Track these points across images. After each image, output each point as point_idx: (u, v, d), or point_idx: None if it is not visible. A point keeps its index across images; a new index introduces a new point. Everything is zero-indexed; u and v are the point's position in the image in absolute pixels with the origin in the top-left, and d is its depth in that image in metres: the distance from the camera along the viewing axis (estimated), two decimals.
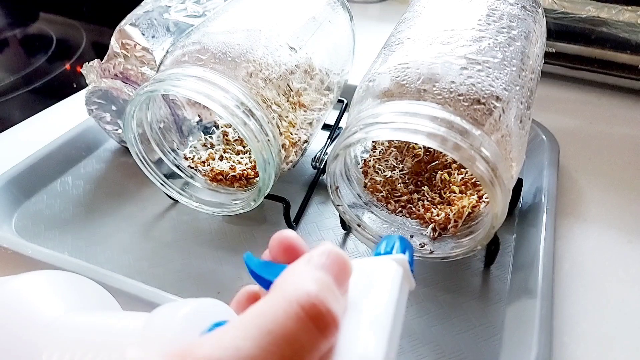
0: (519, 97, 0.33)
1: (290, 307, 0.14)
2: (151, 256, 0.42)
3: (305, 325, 0.14)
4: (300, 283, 0.15)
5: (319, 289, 0.15)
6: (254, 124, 0.35)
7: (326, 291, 0.15)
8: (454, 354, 0.34)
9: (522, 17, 0.39)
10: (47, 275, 0.21)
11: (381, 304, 0.16)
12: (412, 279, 0.18)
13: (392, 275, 0.17)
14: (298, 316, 0.14)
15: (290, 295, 0.14)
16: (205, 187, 0.45)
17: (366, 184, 0.43)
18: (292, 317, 0.14)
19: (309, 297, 0.14)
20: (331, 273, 0.16)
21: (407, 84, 0.32)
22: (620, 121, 0.58)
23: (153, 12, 0.51)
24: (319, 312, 0.14)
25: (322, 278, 0.15)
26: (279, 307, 0.14)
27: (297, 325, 0.14)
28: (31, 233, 0.44)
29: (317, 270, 0.16)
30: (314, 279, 0.15)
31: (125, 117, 0.38)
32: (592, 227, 0.44)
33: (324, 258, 0.16)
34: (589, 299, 0.37)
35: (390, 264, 0.18)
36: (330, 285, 0.15)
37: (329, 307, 0.14)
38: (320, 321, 0.14)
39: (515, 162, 0.33)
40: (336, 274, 0.16)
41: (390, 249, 0.19)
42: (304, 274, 0.15)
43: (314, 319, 0.14)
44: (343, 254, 0.17)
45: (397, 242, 0.19)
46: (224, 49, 0.37)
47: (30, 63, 0.79)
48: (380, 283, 0.17)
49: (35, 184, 0.49)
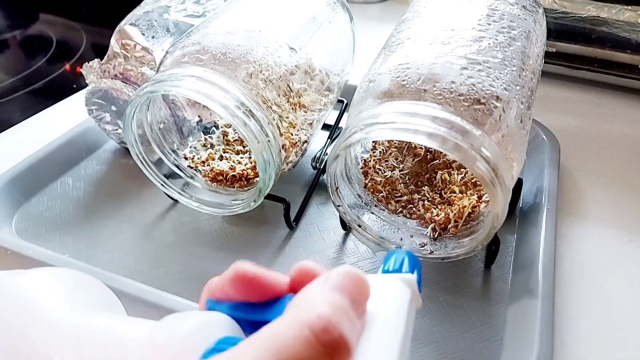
0: (519, 97, 0.33)
1: (301, 332, 0.13)
2: (152, 257, 0.42)
3: (316, 351, 0.13)
4: (314, 305, 0.14)
5: (333, 312, 0.14)
6: (254, 125, 0.35)
7: (340, 315, 0.14)
8: (455, 354, 0.34)
9: (522, 17, 0.39)
10: (54, 272, 0.20)
11: (391, 328, 0.16)
12: (419, 298, 0.18)
13: (401, 297, 0.17)
14: (309, 341, 0.13)
15: (302, 318, 0.14)
16: (206, 187, 0.45)
17: (366, 184, 0.43)
18: (302, 342, 0.13)
19: (320, 321, 0.13)
20: (348, 295, 0.15)
21: (408, 84, 0.32)
22: (621, 121, 0.58)
23: (153, 12, 0.51)
24: (331, 337, 0.13)
25: (337, 300, 0.15)
26: (290, 331, 0.13)
27: (307, 350, 0.13)
28: (32, 234, 0.44)
29: (333, 291, 0.15)
30: (329, 302, 0.14)
31: (125, 118, 0.38)
32: (593, 227, 0.44)
33: (342, 278, 0.16)
34: (590, 299, 0.37)
35: (399, 285, 0.17)
36: (345, 308, 0.15)
37: (342, 331, 0.14)
38: (332, 347, 0.13)
39: (516, 162, 0.33)
40: (353, 296, 0.15)
41: (399, 266, 0.18)
42: (318, 295, 0.15)
43: (325, 345, 0.13)
44: (362, 275, 0.16)
45: (405, 260, 0.18)
46: (224, 49, 0.37)
47: (30, 64, 0.79)
48: (389, 305, 0.17)
49: (35, 185, 0.49)
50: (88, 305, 0.20)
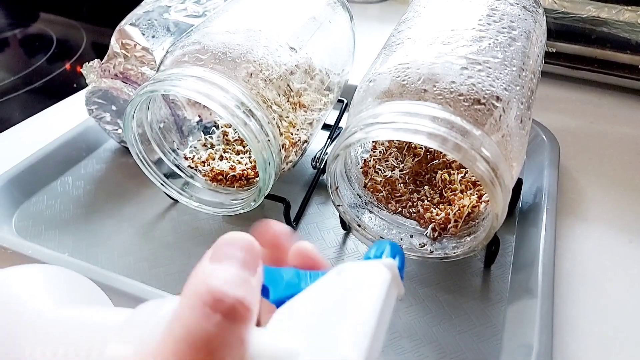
0: (519, 97, 0.33)
1: (197, 309, 0.14)
2: (152, 257, 0.42)
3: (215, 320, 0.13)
4: (201, 282, 0.15)
5: (220, 281, 0.14)
6: (254, 124, 0.35)
7: (229, 280, 0.15)
8: (455, 354, 0.34)
9: (522, 17, 0.39)
10: (38, 269, 0.21)
11: (366, 307, 0.16)
12: (402, 285, 0.18)
13: (379, 279, 0.17)
14: (205, 315, 0.13)
15: (195, 296, 0.14)
16: (205, 187, 0.45)
17: (366, 184, 0.43)
18: (201, 317, 0.13)
19: (211, 292, 0.14)
20: (235, 260, 0.16)
21: (408, 84, 0.32)
22: (621, 121, 0.58)
23: (153, 12, 0.51)
24: (224, 304, 0.14)
25: (224, 270, 0.15)
26: (188, 313, 0.14)
27: (207, 323, 0.13)
28: (31, 233, 0.44)
29: (218, 263, 0.16)
30: (215, 275, 0.15)
31: (126, 117, 0.38)
32: (593, 227, 0.44)
33: (226, 248, 0.16)
34: (589, 299, 0.37)
35: (378, 267, 0.18)
36: (234, 273, 0.15)
37: (234, 294, 0.14)
38: (229, 312, 0.14)
39: (516, 162, 0.33)
40: (242, 258, 0.16)
41: (380, 253, 0.18)
42: (205, 271, 0.15)
43: (222, 312, 0.14)
44: (246, 236, 0.17)
45: (387, 247, 0.19)
46: (224, 49, 0.37)
47: (31, 63, 0.79)
48: (367, 286, 0.17)
49: (35, 184, 0.49)
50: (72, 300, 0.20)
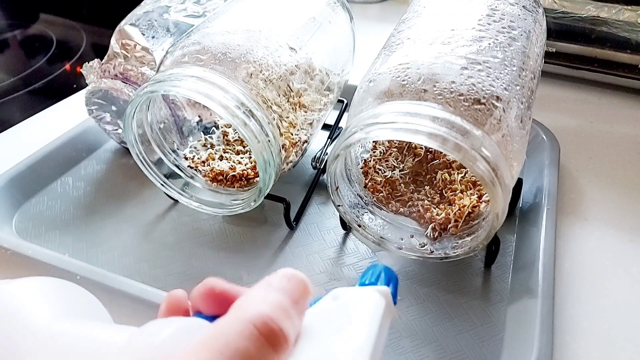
0: (519, 96, 0.33)
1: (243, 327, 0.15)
2: (152, 257, 0.42)
3: (258, 343, 0.14)
4: (255, 304, 0.16)
5: (272, 309, 0.15)
6: (255, 125, 0.35)
7: (279, 311, 0.16)
8: (455, 354, 0.34)
9: (522, 17, 0.39)
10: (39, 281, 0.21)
11: (362, 335, 0.16)
12: (395, 311, 0.19)
13: (374, 306, 0.18)
14: (251, 334, 0.14)
15: (244, 315, 0.15)
16: (206, 187, 0.45)
17: (366, 184, 0.43)
18: (245, 335, 0.14)
19: (261, 316, 0.15)
20: (288, 295, 0.16)
21: (408, 84, 0.32)
22: (621, 120, 0.58)
23: (153, 12, 0.51)
24: (270, 329, 0.15)
25: (276, 299, 0.16)
26: (233, 328, 0.15)
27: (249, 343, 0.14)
28: (31, 234, 0.44)
29: (274, 292, 0.16)
30: (268, 301, 0.16)
31: (126, 117, 0.38)
32: (593, 227, 0.44)
33: (284, 281, 0.17)
34: (590, 298, 0.37)
35: (373, 295, 0.18)
36: (284, 306, 0.16)
37: (281, 325, 0.15)
38: (272, 338, 0.15)
39: (516, 162, 0.33)
40: (294, 296, 0.17)
41: (375, 279, 0.19)
42: (259, 296, 0.16)
43: (266, 336, 0.15)
44: (303, 277, 0.18)
45: (382, 273, 0.19)
46: (224, 49, 0.37)
47: (31, 64, 0.79)
48: (362, 314, 0.17)
49: (35, 185, 0.49)
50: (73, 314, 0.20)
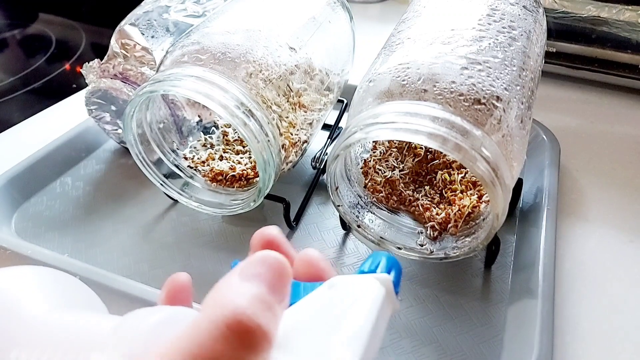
0: (519, 97, 0.33)
1: (215, 328, 0.13)
2: (151, 257, 0.42)
3: (232, 345, 0.13)
4: (227, 299, 0.14)
5: (248, 304, 0.14)
6: (254, 125, 0.35)
7: (256, 305, 0.14)
8: (455, 355, 0.34)
9: (522, 17, 0.39)
10: (34, 270, 0.20)
11: (358, 323, 0.16)
12: (396, 300, 0.18)
13: (372, 295, 0.17)
14: (224, 336, 0.13)
15: (216, 314, 0.13)
16: (205, 187, 0.45)
17: (366, 184, 0.43)
18: (217, 338, 0.13)
19: (234, 315, 0.13)
20: (265, 282, 0.15)
21: (408, 84, 0.32)
22: (621, 121, 0.58)
23: (153, 12, 0.50)
24: (246, 329, 0.13)
25: (252, 291, 0.14)
26: (206, 329, 0.13)
27: (223, 346, 0.13)
28: (31, 234, 0.44)
29: (248, 281, 0.15)
30: (243, 293, 0.14)
31: (125, 117, 0.38)
32: (593, 227, 0.44)
33: (259, 267, 0.15)
34: (590, 299, 0.37)
35: (372, 283, 0.17)
36: (262, 296, 0.14)
37: (259, 322, 0.13)
38: (248, 339, 0.13)
39: (516, 162, 0.33)
40: (272, 281, 0.15)
41: (374, 267, 0.18)
42: (232, 288, 0.15)
43: (241, 337, 0.13)
44: (280, 258, 0.16)
45: (382, 261, 0.18)
46: (224, 49, 0.37)
47: (30, 63, 0.79)
48: (360, 302, 0.16)
49: (34, 185, 0.48)
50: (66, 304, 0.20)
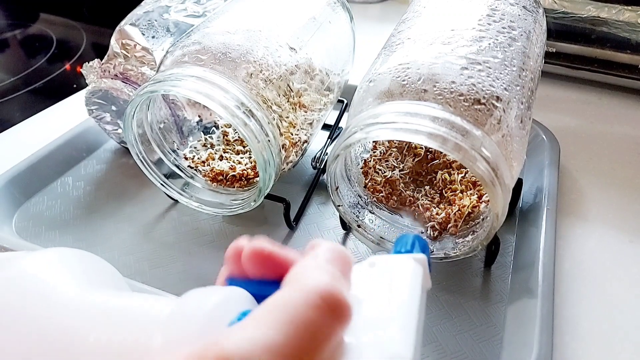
0: (519, 97, 0.33)
1: (309, 297, 0.15)
2: (152, 257, 0.42)
3: (325, 313, 0.15)
4: (316, 276, 0.16)
5: (333, 280, 0.16)
6: (255, 125, 0.35)
7: (338, 282, 0.16)
8: (455, 354, 0.34)
9: (522, 17, 0.39)
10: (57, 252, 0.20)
11: (406, 303, 0.17)
12: (429, 278, 0.19)
13: (414, 274, 0.18)
14: (318, 305, 0.15)
15: (308, 286, 0.15)
16: (206, 187, 0.45)
17: (366, 184, 0.43)
18: (312, 306, 0.15)
19: (326, 287, 0.15)
20: (337, 266, 0.17)
21: (408, 84, 0.32)
22: (621, 121, 0.58)
23: (153, 12, 0.51)
24: (337, 300, 0.15)
25: (332, 270, 0.16)
26: (299, 298, 0.15)
27: (317, 313, 0.15)
28: (31, 234, 0.44)
29: (327, 264, 0.17)
30: (327, 272, 0.16)
31: (126, 117, 0.38)
32: (593, 227, 0.44)
33: (330, 254, 0.17)
34: (590, 299, 0.37)
35: (411, 263, 0.18)
36: (339, 276, 0.17)
37: (344, 296, 0.15)
38: (337, 309, 0.15)
39: (516, 162, 0.33)
40: (341, 267, 0.17)
41: (410, 247, 0.19)
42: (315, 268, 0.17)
43: (332, 308, 0.15)
44: (345, 250, 0.18)
45: (416, 242, 0.19)
46: (224, 49, 0.37)
47: (31, 64, 0.79)
48: (403, 282, 0.17)
49: (35, 185, 0.49)
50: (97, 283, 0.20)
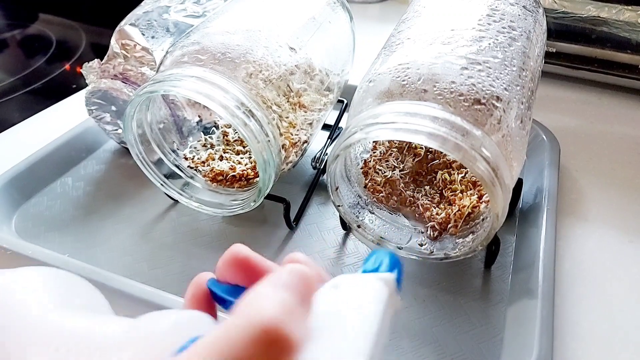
0: (519, 97, 0.33)
1: (251, 332, 0.14)
2: (151, 257, 0.42)
3: (265, 350, 0.14)
4: (263, 306, 0.15)
5: (282, 312, 0.14)
6: (254, 125, 0.35)
7: (288, 314, 0.15)
8: (455, 355, 0.34)
9: (522, 17, 0.39)
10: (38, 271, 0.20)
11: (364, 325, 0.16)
12: (399, 300, 0.18)
13: (377, 295, 0.17)
14: (258, 341, 0.14)
15: (252, 319, 0.14)
16: (205, 187, 0.45)
17: (366, 185, 0.43)
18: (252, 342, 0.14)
19: (271, 321, 0.14)
20: (296, 292, 0.16)
21: (408, 84, 0.32)
22: (621, 121, 0.58)
23: (153, 12, 0.51)
24: (280, 335, 0.14)
25: (286, 299, 0.15)
26: (240, 331, 0.14)
27: (256, 350, 0.14)
28: (31, 234, 0.44)
29: (282, 290, 0.16)
30: (278, 302, 0.15)
31: (125, 118, 0.38)
32: (593, 227, 0.44)
33: (290, 278, 0.16)
34: (590, 299, 0.37)
35: (376, 283, 0.17)
36: (293, 307, 0.15)
37: (290, 331, 0.14)
38: (280, 345, 0.14)
39: (516, 162, 0.33)
40: (301, 292, 0.16)
41: (377, 266, 0.18)
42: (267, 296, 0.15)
43: (273, 344, 0.14)
44: (308, 271, 0.17)
45: (385, 260, 0.18)
46: (224, 49, 0.37)
47: (30, 64, 0.79)
48: (365, 303, 0.17)
49: (35, 185, 0.48)
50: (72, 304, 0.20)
